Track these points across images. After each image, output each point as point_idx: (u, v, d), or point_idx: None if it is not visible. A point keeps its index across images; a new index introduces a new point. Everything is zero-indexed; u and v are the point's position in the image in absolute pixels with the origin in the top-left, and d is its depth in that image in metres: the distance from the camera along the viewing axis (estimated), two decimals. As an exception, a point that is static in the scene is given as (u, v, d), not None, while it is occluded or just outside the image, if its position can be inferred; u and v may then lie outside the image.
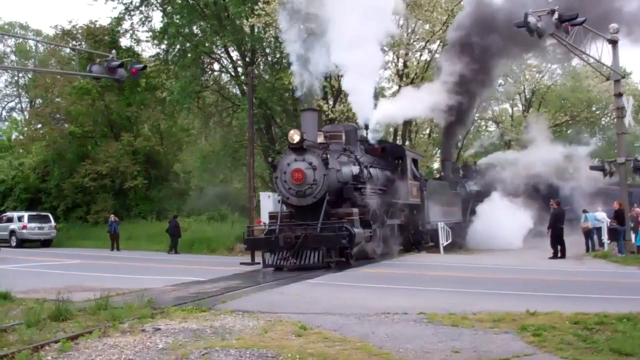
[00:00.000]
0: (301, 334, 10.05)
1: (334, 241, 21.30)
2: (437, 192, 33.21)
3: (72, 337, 9.83)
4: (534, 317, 11.06)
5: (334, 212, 22.70)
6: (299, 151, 22.58)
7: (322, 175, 22.32)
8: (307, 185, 22.38)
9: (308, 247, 21.25)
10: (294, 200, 22.72)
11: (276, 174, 23.21)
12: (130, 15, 45.34)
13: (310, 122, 23.95)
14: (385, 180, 27.51)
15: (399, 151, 30.43)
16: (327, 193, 22.35)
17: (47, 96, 54.36)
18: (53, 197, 48.53)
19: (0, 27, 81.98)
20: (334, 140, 25.22)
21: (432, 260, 25.18)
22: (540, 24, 20.78)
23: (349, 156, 25.12)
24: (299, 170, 22.38)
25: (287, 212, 23.30)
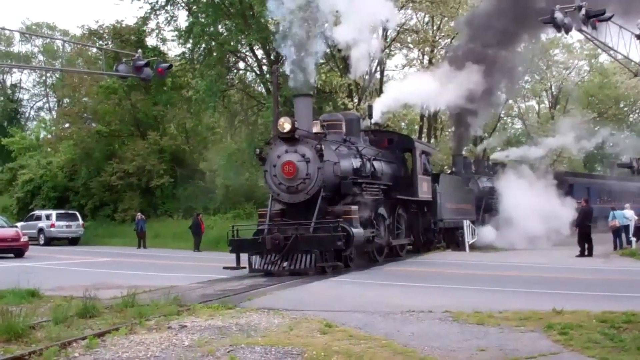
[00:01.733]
0: (326, 332, 10.06)
1: (328, 243, 19.00)
2: (449, 188, 31.20)
3: (99, 334, 9.90)
4: (560, 315, 10.97)
5: (330, 210, 20.40)
6: (290, 142, 20.33)
7: (316, 169, 19.99)
8: (299, 179, 20.08)
9: (299, 249, 18.99)
10: (284, 197, 20.59)
11: (265, 167, 20.98)
12: (156, 14, 45.59)
13: (303, 109, 21.39)
14: (391, 174, 25.42)
15: (407, 143, 27.92)
16: (322, 189, 20.08)
17: (75, 96, 54.79)
18: (81, 196, 48.94)
19: (28, 28, 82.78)
20: (332, 130, 22.91)
21: (458, 259, 25.10)
22: (567, 19, 20.62)
23: (350, 148, 22.87)
24: (290, 163, 20.14)
25: (278, 210, 21.26)
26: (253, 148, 45.41)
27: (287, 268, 18.88)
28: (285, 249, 19.02)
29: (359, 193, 21.34)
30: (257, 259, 19.64)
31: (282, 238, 19.06)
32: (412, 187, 26.04)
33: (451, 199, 30.87)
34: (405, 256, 23.73)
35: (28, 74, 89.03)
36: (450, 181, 32.12)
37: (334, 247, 19.01)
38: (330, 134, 22.41)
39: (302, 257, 18.89)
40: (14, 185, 54.02)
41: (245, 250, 20.15)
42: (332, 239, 18.94)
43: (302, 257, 18.89)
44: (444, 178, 30.97)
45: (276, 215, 20.97)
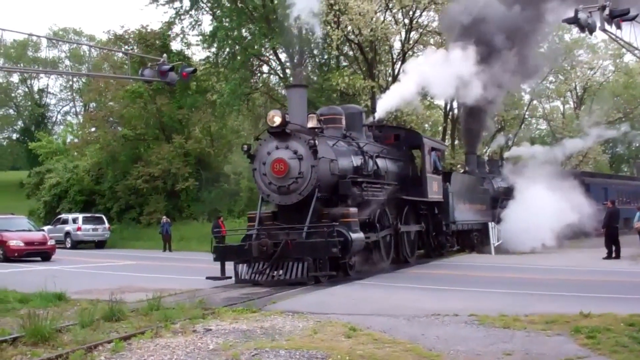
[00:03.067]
0: (351, 335, 10.06)
1: (322, 249, 17.09)
2: (463, 187, 29.56)
3: (125, 338, 9.98)
4: (587, 318, 10.88)
5: (326, 212, 18.56)
6: (281, 137, 18.54)
7: (309, 167, 18.18)
8: (291, 179, 18.25)
9: (290, 257, 17.18)
10: (275, 198, 18.78)
11: (254, 165, 19.14)
12: (181, 19, 45.94)
13: (297, 101, 19.55)
14: (398, 173, 23.80)
15: (415, 139, 25.80)
16: (317, 189, 18.25)
17: (101, 100, 55.32)
18: (107, 199, 49.33)
19: (55, 33, 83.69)
20: (331, 124, 21.11)
21: (483, 261, 24.95)
22: (590, 20, 20.47)
23: (350, 144, 21.10)
24: (280, 160, 18.31)
25: (269, 212, 19.58)
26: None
27: (276, 278, 17.16)
28: (274, 256, 17.25)
29: (359, 194, 19.51)
30: (244, 267, 17.83)
31: (271, 244, 17.25)
32: (421, 187, 24.45)
33: (465, 200, 29.48)
34: (389, 268, 20.88)
35: (55, 79, 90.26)
36: (464, 181, 30.76)
37: (328, 255, 17.09)
38: (329, 129, 20.71)
39: (294, 266, 17.04)
40: (41, 189, 54.52)
41: (231, 258, 18.23)
42: (327, 245, 17.02)
43: (294, 266, 17.04)
44: (457, 177, 29.54)
45: (267, 218, 19.26)
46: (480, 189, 32.79)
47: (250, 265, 17.65)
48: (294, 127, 18.58)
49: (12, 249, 29.36)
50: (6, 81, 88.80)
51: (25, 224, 32.70)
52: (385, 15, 40.96)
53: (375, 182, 20.96)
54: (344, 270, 18.49)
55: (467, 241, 30.28)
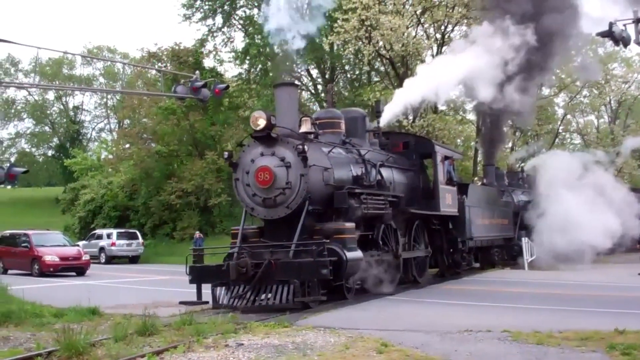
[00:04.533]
0: (382, 351, 10.02)
1: (310, 270, 14.93)
2: (481, 200, 27.18)
3: (158, 352, 10.04)
4: (623, 335, 10.73)
5: (318, 227, 16.44)
6: (267, 142, 16.53)
7: (298, 176, 16.19)
8: (277, 189, 16.25)
9: (274, 279, 15.07)
10: (260, 212, 16.76)
11: (236, 174, 17.11)
12: (213, 36, 46.61)
13: (286, 102, 17.41)
14: (406, 184, 21.77)
15: (427, 147, 23.50)
16: (307, 201, 16.27)
17: (134, 117, 55.95)
18: (141, 215, 49.75)
19: (90, 51, 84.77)
20: (328, 129, 19.22)
21: (516, 277, 24.70)
22: (625, 33, 20.34)
23: (350, 151, 19.09)
24: (265, 168, 16.27)
25: (255, 228, 17.65)
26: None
27: (257, 303, 15.01)
28: (255, 278, 15.17)
29: (357, 207, 17.16)
30: (222, 291, 15.94)
31: (251, 265, 15.22)
32: (433, 199, 22.29)
33: (483, 214, 27.11)
34: (396, 290, 18.62)
35: (90, 96, 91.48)
36: (483, 193, 28.45)
37: (318, 277, 14.92)
38: (326, 135, 18.81)
39: (278, 289, 14.96)
40: (76, 204, 55.16)
41: (208, 280, 16.21)
42: (316, 265, 14.90)
43: (278, 289, 14.96)
44: (474, 189, 27.07)
45: (252, 235, 17.22)
46: (502, 202, 30.72)
47: (230, 288, 15.65)
48: (283, 131, 16.68)
49: (47, 264, 29.69)
50: (42, 99, 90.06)
51: (60, 239, 33.09)
52: (417, 30, 40.99)
53: (378, 194, 18.69)
54: (341, 293, 16.59)
55: (487, 258, 28.75)
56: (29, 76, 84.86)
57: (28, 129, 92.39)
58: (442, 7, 36.91)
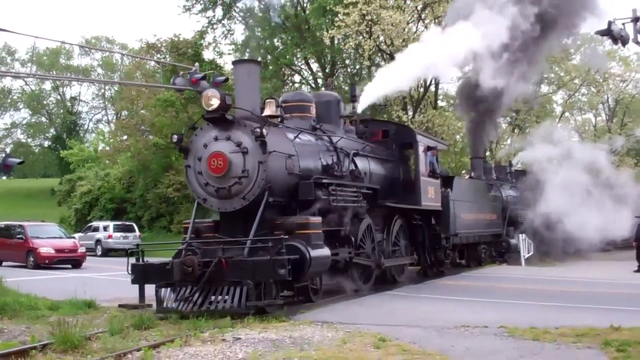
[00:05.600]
0: (380, 346, 10.02)
1: (266, 270, 12.96)
2: (468, 194, 25.67)
3: (154, 346, 10.01)
4: (618, 332, 10.77)
5: (280, 222, 14.61)
6: (223, 125, 14.68)
7: (256, 164, 14.27)
8: (232, 178, 14.35)
9: (226, 280, 13.21)
10: (214, 203, 14.88)
11: (187, 161, 15.21)
12: (213, 28, 46.45)
13: (245, 82, 15.51)
14: (384, 175, 19.99)
15: (407, 135, 21.61)
16: (266, 192, 14.33)
17: (132, 108, 55.92)
18: (138, 207, 49.77)
19: (88, 41, 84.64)
20: (297, 113, 17.33)
21: (512, 273, 24.73)
22: (623, 32, 20.34)
23: (320, 138, 17.22)
24: (219, 154, 14.37)
25: (209, 222, 15.78)
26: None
27: (205, 307, 13.14)
28: (202, 279, 13.31)
29: (325, 199, 15.40)
30: (168, 292, 13.98)
31: (198, 264, 13.34)
32: (414, 192, 20.57)
33: (470, 209, 25.57)
34: (368, 291, 17.26)
35: (87, 87, 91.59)
36: (469, 187, 26.86)
37: (275, 277, 13.01)
38: (294, 119, 16.98)
39: (229, 292, 13.14)
40: (72, 196, 55.14)
41: (152, 280, 14.25)
42: (272, 264, 12.94)
43: (229, 292, 13.14)
44: (460, 183, 25.46)
45: (207, 229, 15.40)
46: (490, 197, 29.18)
47: (178, 289, 13.75)
48: (242, 113, 14.99)
49: (42, 256, 29.60)
50: (39, 89, 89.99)
51: (56, 231, 33.01)
52: (418, 25, 40.92)
53: (350, 186, 16.94)
54: (306, 295, 15.07)
55: (474, 256, 27.25)
56: (25, 66, 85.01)
57: (24, 119, 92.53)
58: (443, 3, 36.81)
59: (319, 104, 18.35)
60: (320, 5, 39.22)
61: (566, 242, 31.92)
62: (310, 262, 13.79)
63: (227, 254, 13.63)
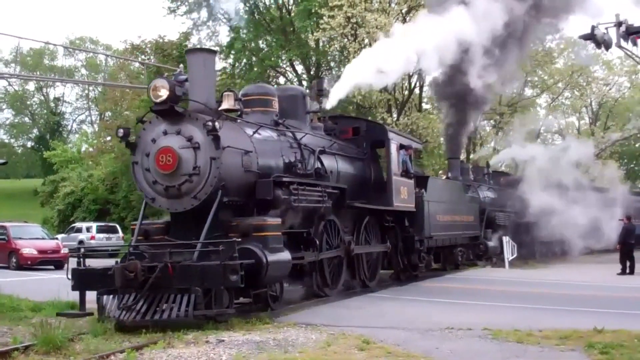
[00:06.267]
0: (364, 348, 10.01)
1: (216, 276, 11.71)
2: (443, 195, 24.70)
3: (137, 348, 9.96)
4: (601, 334, 10.82)
5: (235, 223, 13.44)
6: (173, 119, 13.56)
7: (208, 160, 13.15)
8: (182, 176, 13.18)
9: (172, 287, 11.86)
10: (163, 203, 13.68)
11: (135, 157, 13.99)
12: (198, 30, 46.45)
13: (199, 72, 14.38)
14: (354, 175, 18.93)
15: (379, 133, 20.49)
16: (220, 190, 13.17)
17: (116, 109, 55.74)
18: (121, 208, 49.52)
19: (72, 42, 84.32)
20: (258, 107, 16.24)
21: (496, 275, 24.78)
22: (606, 36, 20.48)
23: (283, 134, 16.13)
24: (168, 150, 13.21)
25: (160, 224, 14.47)
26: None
27: (149, 317, 11.72)
28: (146, 286, 11.90)
29: (286, 198, 14.28)
30: (111, 300, 12.57)
31: (142, 269, 11.95)
32: (385, 193, 19.60)
33: (445, 210, 24.53)
34: (336, 296, 16.40)
35: (71, 87, 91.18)
36: (445, 187, 26.01)
37: (225, 284, 11.77)
38: (255, 114, 15.99)
39: (176, 300, 11.79)
40: (55, 197, 54.89)
41: (94, 287, 12.88)
42: (223, 270, 11.69)
43: (176, 300, 11.79)
44: (435, 183, 24.50)
45: (157, 231, 14.15)
46: (467, 197, 28.23)
47: (122, 296, 12.34)
48: (194, 106, 13.90)
49: (25, 257, 29.37)
50: (22, 89, 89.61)
51: (38, 232, 32.78)
52: (402, 28, 40.98)
53: (314, 185, 15.73)
54: (265, 302, 13.74)
55: (450, 259, 26.35)
56: (9, 66, 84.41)
57: (7, 120, 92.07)
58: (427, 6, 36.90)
59: (283, 98, 17.29)
60: (305, 8, 39.26)
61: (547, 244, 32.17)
62: (267, 267, 12.71)
63: (175, 258, 12.38)
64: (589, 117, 61.40)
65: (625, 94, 58.43)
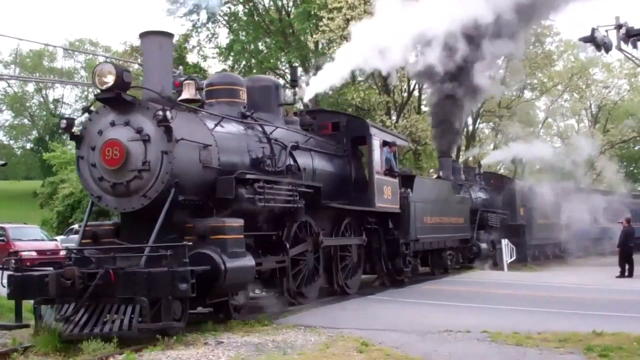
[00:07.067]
0: (363, 350, 10.02)
1: (163, 285, 10.34)
2: (431, 196, 23.47)
3: (137, 349, 9.96)
4: (600, 337, 10.82)
5: (191, 225, 12.09)
6: (120, 108, 12.05)
7: (159, 154, 11.80)
8: (131, 172, 11.83)
9: (116, 296, 10.58)
10: (109, 202, 12.29)
11: (80, 151, 12.50)
12: (198, 32, 46.40)
13: (155, 57, 12.71)
14: (332, 173, 17.70)
15: (360, 128, 19.02)
16: (173, 188, 11.80)
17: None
18: (120, 210, 49.38)
19: (71, 44, 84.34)
20: (224, 98, 14.86)
21: (495, 278, 24.76)
22: (607, 39, 20.48)
23: (251, 128, 14.70)
24: (114, 142, 11.80)
25: (109, 225, 13.25)
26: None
27: (88, 330, 10.40)
28: (85, 295, 10.55)
29: (251, 197, 12.93)
30: (49, 310, 11.23)
31: (80, 276, 10.67)
32: (367, 192, 18.34)
33: (433, 211, 23.12)
34: (308, 305, 15.24)
35: (70, 89, 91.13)
36: (433, 187, 24.66)
37: (174, 294, 10.42)
38: (220, 105, 14.64)
39: (119, 311, 10.56)
40: (55, 199, 54.73)
41: (31, 295, 11.52)
42: (171, 277, 10.34)
43: (119, 311, 10.56)
44: (422, 183, 23.14)
45: (107, 233, 12.83)
46: (457, 198, 26.73)
47: (61, 306, 11.01)
48: (149, 95, 12.46)
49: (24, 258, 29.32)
50: (21, 91, 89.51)
51: (38, 233, 32.73)
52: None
53: (284, 183, 14.44)
54: (226, 312, 12.68)
55: (439, 263, 24.89)
56: (8, 67, 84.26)
57: (7, 121, 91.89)
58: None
59: (254, 89, 15.90)
60: (304, 10, 39.29)
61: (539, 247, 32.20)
62: (226, 274, 11.36)
63: (121, 263, 11.11)
64: (589, 120, 61.43)
65: (625, 97, 58.48)
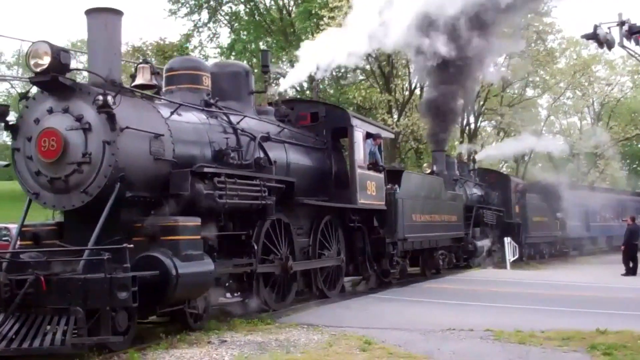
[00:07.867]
0: (366, 349, 10.01)
1: (100, 294, 8.99)
2: (421, 192, 21.98)
3: (140, 348, 9.95)
4: (604, 335, 10.79)
5: (139, 224, 10.61)
6: (59, 93, 10.64)
7: (101, 144, 10.37)
8: (70, 165, 10.43)
9: (47, 305, 9.21)
10: (47, 199, 10.82)
11: (16, 142, 11.11)
12: (199, 32, 46.39)
13: (100, 37, 11.35)
14: (310, 167, 16.31)
15: (340, 119, 17.41)
16: (119, 183, 10.39)
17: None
18: (122, 210, 49.40)
19: (73, 44, 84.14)
20: (185, 85, 13.42)
21: (498, 276, 24.72)
22: (609, 36, 20.44)
23: (215, 117, 13.33)
24: (52, 132, 10.41)
25: (51, 225, 11.56)
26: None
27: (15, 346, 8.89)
28: (12, 305, 9.13)
29: (210, 193, 11.48)
30: None
31: (6, 283, 9.16)
32: (348, 188, 16.89)
33: (423, 208, 21.69)
34: (287, 311, 14.14)
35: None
36: (422, 183, 22.84)
37: (112, 304, 9.10)
38: (180, 92, 13.25)
39: (51, 322, 9.11)
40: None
41: None
42: (109, 285, 9.00)
43: (51, 322, 9.11)
44: (410, 178, 21.59)
45: (49, 234, 11.27)
46: (450, 195, 25.14)
47: None
48: (95, 79, 11.05)
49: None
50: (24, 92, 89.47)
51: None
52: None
53: (250, 177, 12.93)
54: (183, 321, 11.38)
55: (430, 263, 23.47)
56: (11, 69, 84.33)
57: (10, 122, 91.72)
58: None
59: (221, 75, 14.63)
60: (305, 9, 39.28)
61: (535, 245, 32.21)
62: (177, 280, 9.98)
63: (58, 269, 9.74)
64: (591, 118, 61.36)
65: (628, 94, 58.42)
